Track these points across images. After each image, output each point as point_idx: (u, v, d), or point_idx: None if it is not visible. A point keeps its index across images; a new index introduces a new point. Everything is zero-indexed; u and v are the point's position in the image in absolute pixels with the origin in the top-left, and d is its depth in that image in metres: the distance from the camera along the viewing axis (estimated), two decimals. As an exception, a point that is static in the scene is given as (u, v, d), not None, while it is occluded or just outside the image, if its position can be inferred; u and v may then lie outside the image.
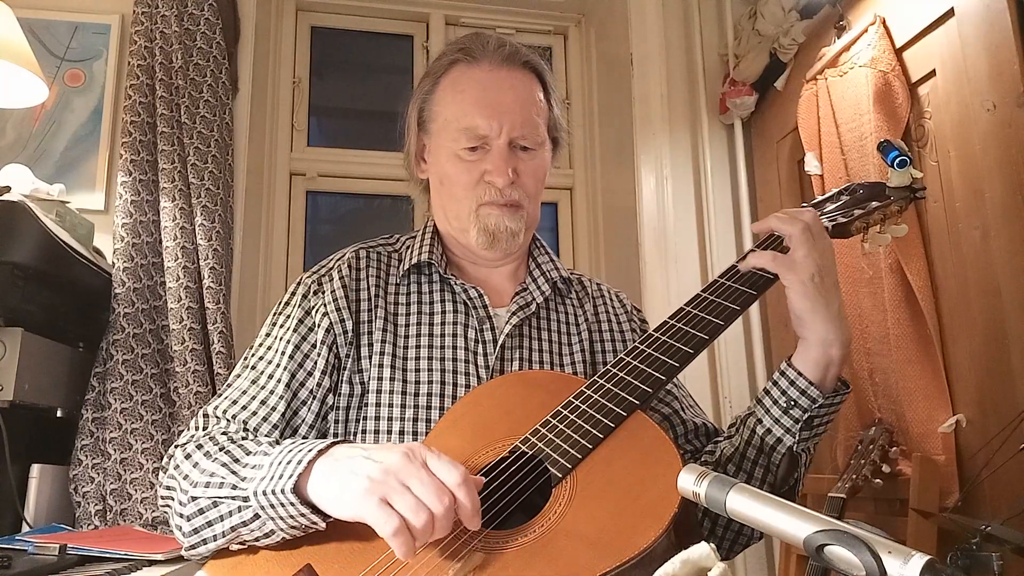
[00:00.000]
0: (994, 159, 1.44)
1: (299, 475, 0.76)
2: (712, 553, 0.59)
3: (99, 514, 1.74)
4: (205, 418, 0.95)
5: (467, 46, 1.07)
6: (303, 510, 0.76)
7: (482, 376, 1.00)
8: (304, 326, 1.00)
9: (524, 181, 1.04)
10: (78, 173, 2.05)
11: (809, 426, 0.90)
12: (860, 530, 0.52)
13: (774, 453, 0.91)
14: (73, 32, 2.13)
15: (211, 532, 0.82)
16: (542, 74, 1.09)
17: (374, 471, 0.72)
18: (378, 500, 0.70)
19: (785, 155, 2.16)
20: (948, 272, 1.57)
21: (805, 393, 0.88)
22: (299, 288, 1.04)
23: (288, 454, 0.79)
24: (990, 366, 1.46)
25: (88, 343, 1.85)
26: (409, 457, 0.73)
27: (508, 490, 0.79)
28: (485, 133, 1.02)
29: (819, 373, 0.89)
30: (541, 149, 1.07)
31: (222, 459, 0.84)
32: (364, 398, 0.97)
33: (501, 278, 1.11)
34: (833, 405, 0.90)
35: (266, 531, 0.80)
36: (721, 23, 2.39)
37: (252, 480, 0.79)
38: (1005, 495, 1.38)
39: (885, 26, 1.73)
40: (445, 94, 1.07)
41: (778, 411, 0.90)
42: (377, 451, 0.76)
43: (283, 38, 2.59)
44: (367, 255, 1.07)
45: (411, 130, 1.12)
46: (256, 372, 0.98)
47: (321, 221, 2.67)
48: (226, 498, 0.80)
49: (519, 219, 1.04)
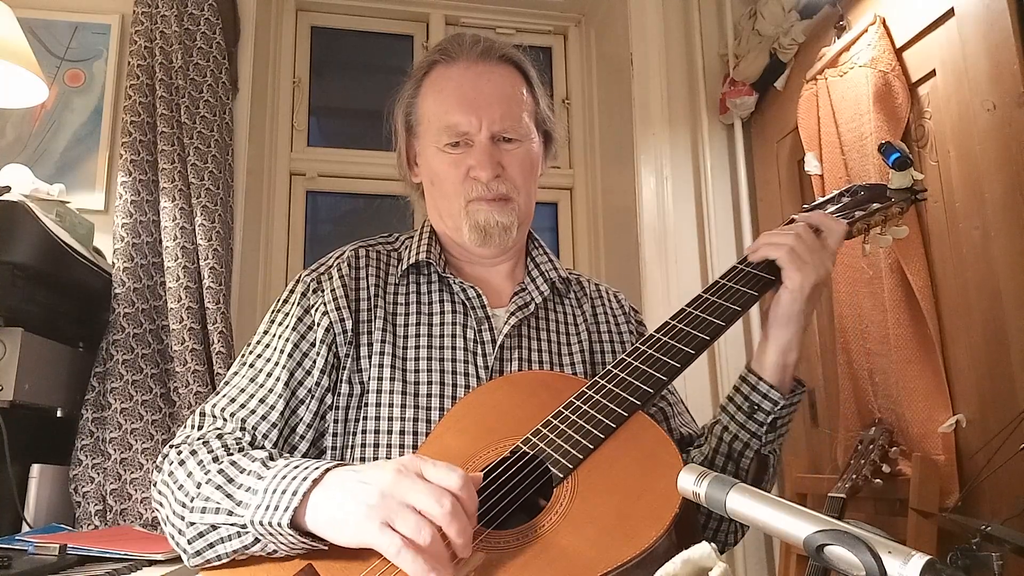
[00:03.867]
0: (994, 159, 1.44)
1: (295, 508, 0.74)
2: (713, 553, 0.59)
3: (99, 514, 1.74)
4: (202, 416, 0.94)
5: (444, 47, 1.08)
6: (303, 540, 0.75)
7: (481, 376, 0.99)
8: (303, 324, 0.99)
9: (511, 174, 1.03)
10: (78, 173, 2.05)
11: (773, 428, 0.93)
12: (860, 530, 0.52)
13: (742, 459, 0.94)
14: (73, 32, 2.13)
15: (214, 553, 0.81)
16: (523, 67, 1.09)
17: (370, 495, 0.71)
18: (379, 525, 0.70)
19: (785, 155, 2.16)
20: (948, 272, 1.57)
21: (767, 397, 0.92)
22: (298, 286, 1.04)
23: (282, 481, 0.77)
24: (990, 366, 1.46)
25: (88, 343, 1.85)
26: (402, 472, 0.72)
27: (509, 490, 0.79)
28: (466, 129, 1.02)
29: (778, 376, 0.92)
30: (527, 140, 1.06)
31: (216, 480, 0.81)
32: (364, 398, 0.97)
33: (500, 278, 1.10)
34: (792, 405, 0.94)
35: (270, 550, 0.79)
36: (721, 23, 2.39)
37: (248, 507, 0.77)
38: (1005, 495, 1.38)
39: (885, 26, 1.73)
40: (427, 96, 1.07)
41: (743, 416, 0.93)
42: (370, 472, 0.74)
43: (283, 38, 2.59)
44: (367, 254, 1.07)
45: (400, 135, 1.12)
46: (255, 370, 0.98)
47: (321, 221, 2.67)
48: (223, 524, 0.79)
49: (509, 213, 1.03)
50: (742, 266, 0.95)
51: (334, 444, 0.97)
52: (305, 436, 0.96)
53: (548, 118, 1.11)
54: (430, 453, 0.88)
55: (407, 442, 0.94)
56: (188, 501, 0.82)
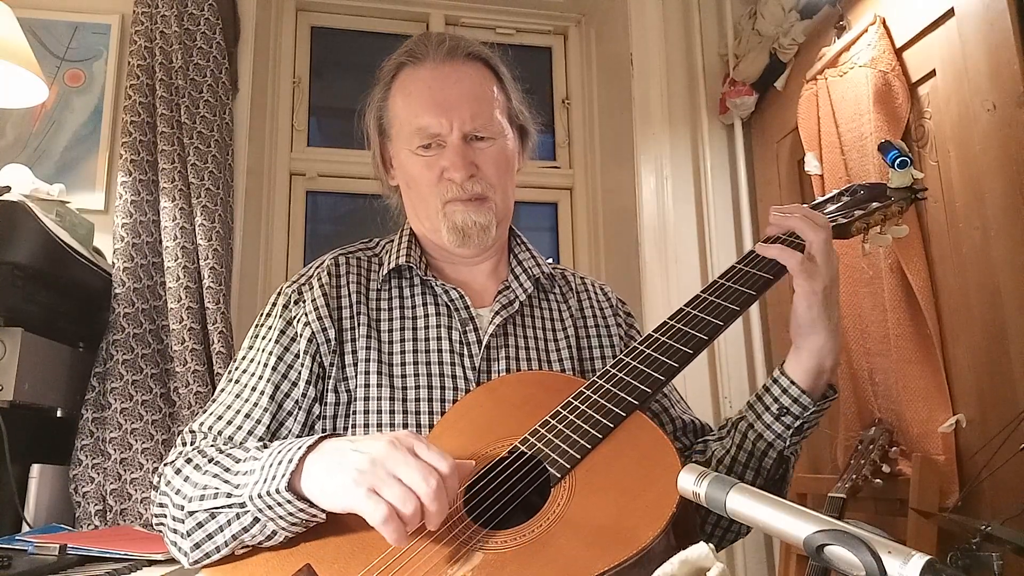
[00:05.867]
0: (994, 159, 1.44)
1: (292, 473, 0.76)
2: (711, 553, 0.59)
3: (99, 514, 1.74)
4: (192, 434, 0.95)
5: (410, 48, 1.07)
6: (301, 505, 0.77)
7: (469, 377, 0.99)
8: (286, 336, 0.99)
9: (485, 172, 1.03)
10: (78, 173, 2.05)
11: (800, 431, 0.92)
12: (860, 530, 0.52)
13: (765, 458, 0.93)
14: (73, 32, 2.13)
15: (212, 544, 0.82)
16: (491, 63, 1.08)
17: (361, 462, 0.73)
18: (366, 490, 0.72)
19: (785, 155, 2.16)
20: (948, 272, 1.56)
21: (797, 401, 0.90)
22: (279, 298, 1.04)
23: (278, 455, 0.79)
24: (990, 366, 1.45)
25: (88, 343, 1.85)
26: (395, 445, 0.74)
27: (507, 490, 0.79)
28: (437, 131, 1.01)
29: (812, 382, 0.90)
30: (500, 138, 1.05)
31: (213, 470, 0.84)
32: (352, 406, 0.97)
33: (482, 277, 1.10)
34: (822, 411, 0.92)
35: (267, 533, 0.80)
36: (721, 23, 2.39)
37: (246, 485, 0.79)
38: (1005, 495, 1.38)
39: (885, 26, 1.73)
40: (396, 99, 1.07)
41: (770, 417, 0.92)
42: (364, 442, 0.77)
43: (283, 38, 2.59)
44: (347, 261, 1.07)
45: (373, 139, 1.12)
46: (240, 386, 0.98)
47: (321, 221, 2.67)
48: (223, 507, 0.80)
49: (486, 212, 1.03)
50: (741, 266, 0.95)
51: None
52: None
53: (522, 112, 1.10)
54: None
55: None
56: (188, 493, 0.84)
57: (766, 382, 0.94)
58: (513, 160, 1.08)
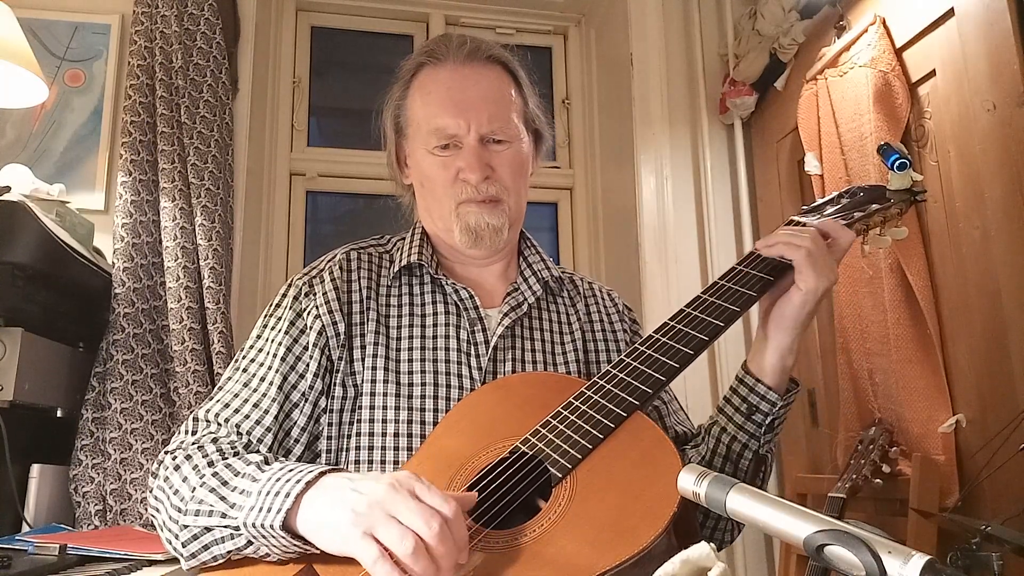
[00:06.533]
0: (994, 159, 1.44)
1: (287, 510, 0.74)
2: (712, 553, 0.59)
3: (99, 514, 1.74)
4: (195, 422, 0.94)
5: (431, 48, 1.07)
6: (295, 543, 0.75)
7: (475, 377, 0.99)
8: (296, 328, 0.99)
9: (500, 175, 1.03)
10: (78, 173, 2.05)
11: (771, 428, 0.93)
12: (860, 530, 0.52)
13: (741, 459, 0.94)
14: (73, 32, 2.13)
15: (209, 555, 0.81)
16: (510, 67, 1.09)
17: (359, 504, 0.71)
18: (361, 533, 0.69)
19: (785, 155, 2.16)
20: (948, 272, 1.57)
21: (765, 398, 0.91)
22: (290, 290, 1.04)
23: (276, 484, 0.77)
24: (990, 366, 1.45)
25: (88, 343, 1.85)
26: (395, 487, 0.72)
27: (508, 490, 0.79)
28: (454, 132, 1.02)
29: (777, 378, 0.92)
30: (516, 141, 1.05)
31: (211, 483, 0.82)
32: (358, 400, 0.97)
33: (492, 278, 1.10)
34: (788, 405, 0.94)
35: (262, 553, 0.79)
36: (721, 23, 2.39)
37: (241, 509, 0.77)
38: (1005, 495, 1.38)
39: (885, 26, 1.73)
40: (415, 98, 1.07)
41: (740, 418, 0.93)
42: (363, 481, 0.74)
43: (283, 38, 2.59)
44: (358, 256, 1.07)
45: (389, 137, 1.12)
46: (248, 375, 0.98)
47: (321, 221, 2.67)
48: (217, 526, 0.80)
49: (500, 214, 1.03)
50: (741, 267, 0.95)
51: (328, 447, 0.96)
52: (300, 440, 0.95)
53: (537, 116, 1.11)
54: (429, 454, 0.88)
55: (402, 444, 0.94)
56: (183, 505, 0.82)
57: (732, 384, 0.95)
58: (527, 164, 1.09)
